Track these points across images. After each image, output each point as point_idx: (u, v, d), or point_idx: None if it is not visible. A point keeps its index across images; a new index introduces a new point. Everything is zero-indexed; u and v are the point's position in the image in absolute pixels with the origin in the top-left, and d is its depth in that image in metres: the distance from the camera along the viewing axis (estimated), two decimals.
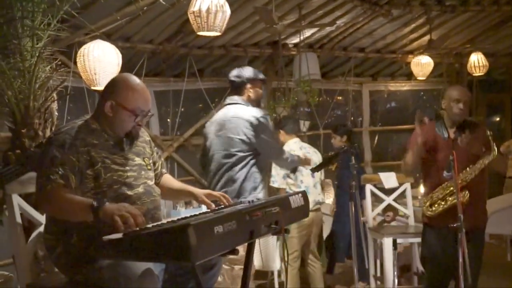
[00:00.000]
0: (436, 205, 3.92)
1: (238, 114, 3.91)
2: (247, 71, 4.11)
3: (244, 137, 3.85)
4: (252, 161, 3.91)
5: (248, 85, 4.05)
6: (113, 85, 2.65)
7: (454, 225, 3.54)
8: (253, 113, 3.91)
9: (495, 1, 7.31)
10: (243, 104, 3.99)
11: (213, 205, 2.76)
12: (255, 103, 4.07)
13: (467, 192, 3.81)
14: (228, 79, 4.17)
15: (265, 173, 4.16)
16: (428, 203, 3.96)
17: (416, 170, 4.23)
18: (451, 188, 3.83)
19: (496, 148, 3.76)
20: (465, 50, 8.42)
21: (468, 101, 3.98)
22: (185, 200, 4.24)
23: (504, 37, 8.42)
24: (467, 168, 3.83)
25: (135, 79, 2.66)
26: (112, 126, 2.60)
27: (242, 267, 3.91)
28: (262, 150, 3.93)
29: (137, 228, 2.12)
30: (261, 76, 4.15)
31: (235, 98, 4.04)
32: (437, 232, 3.99)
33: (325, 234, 6.01)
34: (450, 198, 3.85)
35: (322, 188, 5.42)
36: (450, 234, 3.77)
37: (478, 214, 3.88)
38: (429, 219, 4.00)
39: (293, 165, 4.50)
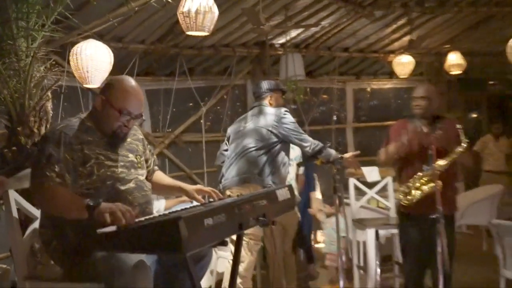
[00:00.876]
0: (411, 195, 3.97)
1: (265, 110, 4.41)
2: (270, 83, 4.63)
3: (270, 128, 4.28)
4: (274, 150, 4.30)
5: (271, 94, 4.52)
6: (109, 83, 2.68)
7: (434, 216, 3.62)
8: (277, 109, 4.40)
9: (472, 2, 7.37)
10: (267, 105, 4.48)
11: (203, 200, 2.79)
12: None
13: (439, 181, 3.83)
14: (254, 89, 4.81)
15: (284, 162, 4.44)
16: (402, 194, 4.02)
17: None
18: (425, 178, 3.89)
19: (466, 141, 3.86)
20: (444, 49, 8.48)
21: (428, 99, 4.05)
22: (177, 195, 4.27)
23: (481, 37, 8.48)
24: (440, 161, 3.88)
25: (131, 82, 2.66)
26: (100, 123, 2.61)
27: (258, 241, 4.25)
28: (286, 138, 4.31)
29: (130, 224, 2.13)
30: (281, 86, 4.72)
31: (261, 102, 4.52)
32: (413, 221, 4.05)
33: None
34: (424, 188, 3.91)
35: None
36: (425, 223, 3.84)
37: (450, 202, 3.93)
38: (404, 208, 4.05)
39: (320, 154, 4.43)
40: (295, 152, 5.26)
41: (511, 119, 10.19)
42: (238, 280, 3.97)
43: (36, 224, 2.82)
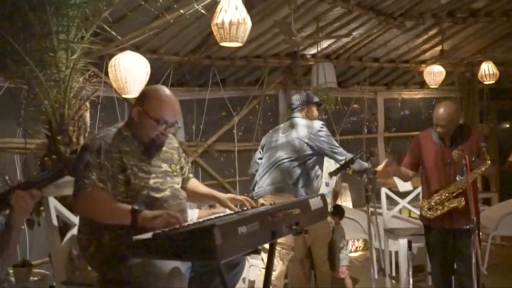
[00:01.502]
0: (434, 210, 4.04)
1: (301, 123, 4.36)
2: (306, 96, 4.59)
3: (306, 140, 4.23)
4: (309, 162, 4.26)
5: (307, 106, 4.48)
6: (144, 93, 2.68)
7: (467, 227, 3.55)
8: (313, 122, 4.35)
9: (505, 12, 7.23)
10: (303, 118, 4.42)
11: (236, 209, 2.76)
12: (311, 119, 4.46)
13: (463, 198, 3.90)
14: (289, 101, 4.76)
15: (318, 175, 4.41)
16: (426, 207, 4.09)
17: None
18: (447, 194, 3.99)
19: (488, 157, 3.89)
20: (476, 59, 8.34)
21: (447, 121, 4.04)
22: (210, 203, 4.26)
23: None
24: (460, 177, 3.91)
25: (166, 92, 2.66)
26: (137, 132, 2.62)
27: (289, 251, 4.19)
28: (322, 150, 4.26)
29: (179, 226, 2.15)
30: (316, 99, 4.64)
31: (297, 114, 4.47)
32: (436, 232, 4.10)
33: None
34: (447, 203, 3.98)
35: (336, 194, 5.40)
36: (447, 234, 4.00)
37: (465, 216, 3.83)
38: (428, 221, 4.12)
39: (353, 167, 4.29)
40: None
41: None
42: None
43: (74, 231, 2.85)
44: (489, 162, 3.88)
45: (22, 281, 3.87)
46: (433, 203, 4.07)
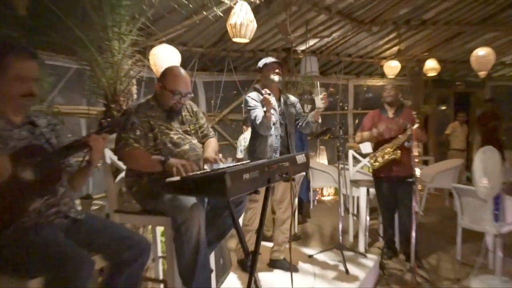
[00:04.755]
0: (377, 161, 4.16)
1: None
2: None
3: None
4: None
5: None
6: (163, 72, 2.63)
7: (410, 180, 3.56)
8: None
9: (447, 22, 7.09)
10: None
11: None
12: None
13: (399, 151, 4.04)
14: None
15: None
16: (372, 159, 4.21)
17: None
18: (386, 150, 4.10)
19: (417, 122, 3.99)
20: (424, 57, 8.22)
21: (395, 89, 4.25)
22: None
23: (452, 48, 8.21)
24: (400, 136, 4.06)
25: (178, 69, 2.59)
26: (160, 102, 2.57)
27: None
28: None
29: (191, 174, 2.13)
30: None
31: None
32: (383, 182, 4.22)
33: None
34: (386, 156, 4.10)
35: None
36: (392, 183, 4.14)
37: (407, 167, 3.92)
38: (374, 172, 4.24)
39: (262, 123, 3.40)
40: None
41: (472, 110, 9.93)
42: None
43: (122, 174, 2.85)
44: (417, 126, 3.92)
45: (85, 209, 3.91)
46: (377, 155, 4.15)
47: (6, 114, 1.95)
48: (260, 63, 3.66)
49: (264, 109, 3.30)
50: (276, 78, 3.48)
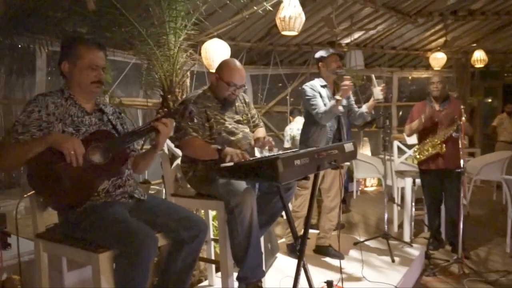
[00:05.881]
0: (422, 153, 3.98)
1: None
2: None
3: None
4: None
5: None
6: (220, 64, 2.64)
7: (458, 170, 3.42)
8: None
9: (496, 12, 6.71)
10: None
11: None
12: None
13: (444, 145, 3.84)
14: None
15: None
16: (417, 152, 4.03)
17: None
18: (434, 141, 3.89)
19: (465, 116, 3.64)
20: (471, 48, 7.84)
21: (442, 83, 3.99)
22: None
23: (501, 39, 7.77)
24: (447, 129, 3.84)
25: (235, 62, 2.59)
26: (216, 92, 2.58)
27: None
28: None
29: (243, 161, 2.14)
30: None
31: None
32: (427, 172, 4.04)
33: None
34: (431, 149, 3.91)
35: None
36: (438, 175, 3.95)
37: (454, 158, 3.74)
38: (421, 163, 4.05)
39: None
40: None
41: None
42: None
43: (178, 161, 2.90)
44: (464, 120, 3.60)
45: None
46: (424, 147, 3.97)
47: (78, 101, 2.04)
48: (324, 53, 3.43)
49: (338, 96, 3.22)
50: (342, 71, 3.38)
